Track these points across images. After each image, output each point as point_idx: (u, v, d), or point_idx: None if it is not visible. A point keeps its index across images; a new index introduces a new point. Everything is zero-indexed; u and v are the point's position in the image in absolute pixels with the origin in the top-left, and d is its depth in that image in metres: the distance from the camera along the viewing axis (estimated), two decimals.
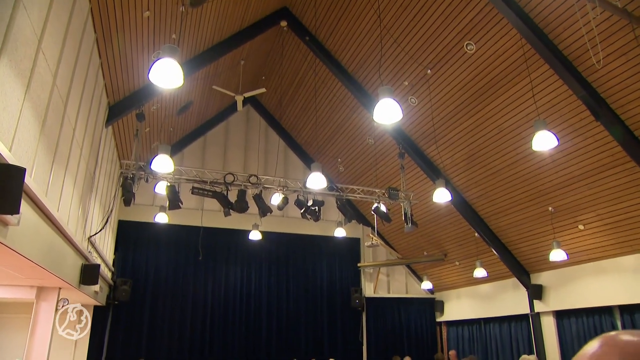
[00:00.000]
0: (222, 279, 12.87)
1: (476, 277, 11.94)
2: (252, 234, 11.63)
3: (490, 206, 10.75)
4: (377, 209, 10.53)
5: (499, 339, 12.79)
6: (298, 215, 13.02)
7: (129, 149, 10.23)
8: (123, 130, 9.54)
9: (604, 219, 8.97)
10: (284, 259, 13.62)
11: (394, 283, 15.11)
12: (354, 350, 13.65)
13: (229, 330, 12.54)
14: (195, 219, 12.15)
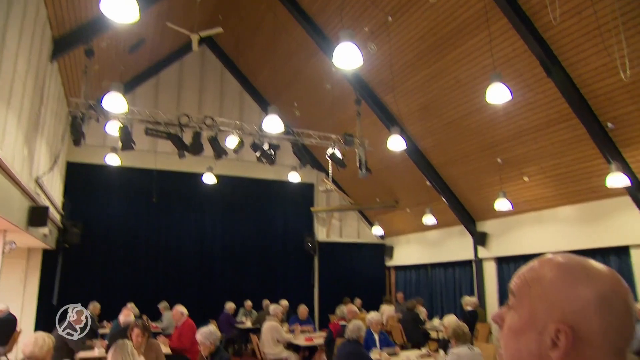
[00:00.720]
0: (176, 223, 12.80)
1: (425, 224, 12.41)
2: (207, 177, 11.52)
3: (442, 156, 11.04)
4: (332, 154, 10.61)
5: (444, 283, 13.52)
6: (253, 159, 12.94)
7: (77, 86, 9.73)
8: (70, 67, 9.03)
9: (546, 172, 9.41)
10: (238, 203, 13.64)
11: (346, 228, 15.50)
12: (306, 293, 14.08)
13: (184, 273, 12.62)
14: (148, 161, 11.88)
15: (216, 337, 4.79)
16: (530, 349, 0.80)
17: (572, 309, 0.78)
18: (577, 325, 0.76)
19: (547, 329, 0.78)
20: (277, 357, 8.26)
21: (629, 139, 7.89)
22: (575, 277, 0.80)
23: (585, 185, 9.09)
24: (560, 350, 0.76)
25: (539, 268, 0.84)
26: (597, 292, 0.77)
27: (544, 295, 0.81)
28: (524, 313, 0.82)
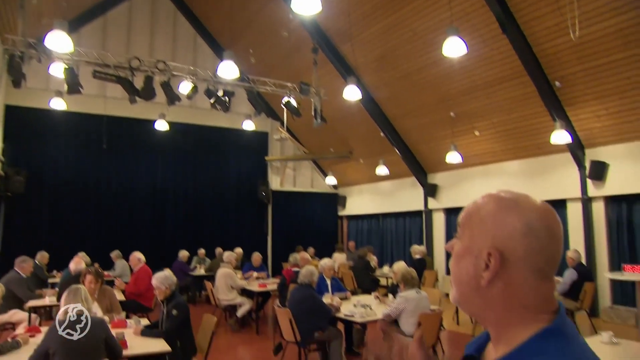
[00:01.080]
0: (128, 170, 12.48)
1: (378, 175, 12.66)
2: (159, 123, 11.20)
3: (397, 108, 11.15)
4: (287, 102, 10.52)
5: (394, 232, 13.99)
6: (207, 106, 12.67)
7: (13, 23, 9.05)
8: (4, 0, 8.36)
9: (496, 127, 9.72)
10: (191, 151, 13.40)
11: (300, 177, 15.60)
12: (260, 241, 14.24)
13: (136, 221, 12.46)
14: (97, 106, 11.37)
15: (172, 282, 4.82)
16: (468, 271, 0.90)
17: (501, 236, 0.87)
18: (505, 250, 0.86)
19: (481, 253, 0.88)
20: (231, 303, 8.42)
21: (573, 98, 8.22)
22: (507, 208, 0.89)
23: (532, 141, 9.48)
24: (490, 271, 0.87)
25: (480, 202, 0.94)
26: (523, 221, 0.87)
27: (481, 224, 0.91)
28: (465, 240, 0.93)
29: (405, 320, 5.35)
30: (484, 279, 0.88)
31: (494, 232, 0.89)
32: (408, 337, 5.30)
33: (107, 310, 5.40)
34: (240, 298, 8.51)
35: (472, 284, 0.90)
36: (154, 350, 4.17)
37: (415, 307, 5.33)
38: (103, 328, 3.80)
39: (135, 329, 4.67)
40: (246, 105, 13.77)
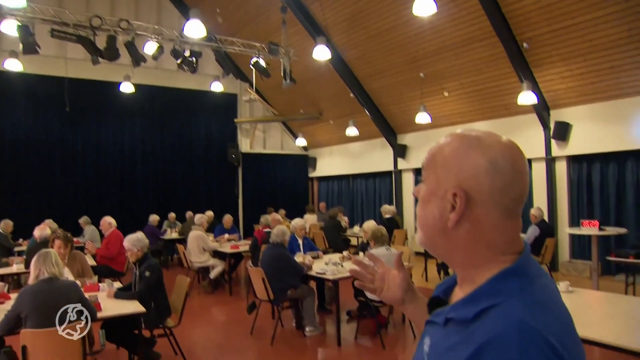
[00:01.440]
0: (93, 134, 12.13)
1: (348, 136, 12.69)
2: (124, 86, 10.85)
3: (367, 68, 11.09)
4: (256, 63, 10.34)
5: (365, 193, 14.17)
6: (173, 67, 12.34)
7: None
8: None
9: (465, 88, 9.81)
10: (159, 114, 13.10)
11: (270, 139, 15.52)
12: (231, 204, 14.23)
13: (103, 186, 12.22)
14: (57, 68, 10.91)
15: (144, 244, 4.80)
16: (434, 214, 0.89)
17: (466, 175, 0.86)
18: (470, 189, 0.85)
19: (446, 194, 0.87)
20: (203, 265, 8.47)
21: (540, 59, 8.34)
22: (470, 146, 0.87)
23: (499, 102, 9.62)
24: (456, 212, 0.85)
25: (443, 142, 0.92)
26: (487, 158, 0.85)
27: (445, 164, 0.89)
28: (430, 183, 0.91)
29: None
30: (450, 221, 0.87)
31: (458, 172, 0.87)
32: None
33: (79, 275, 5.37)
34: (212, 260, 8.55)
35: (438, 227, 0.89)
36: (128, 312, 4.19)
37: (385, 264, 5.46)
38: (75, 291, 3.79)
39: (109, 292, 4.67)
40: (214, 66, 13.48)
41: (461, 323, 0.81)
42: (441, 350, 0.84)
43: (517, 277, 0.82)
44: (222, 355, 5.26)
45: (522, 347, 0.69)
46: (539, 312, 0.76)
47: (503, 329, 0.72)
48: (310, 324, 5.91)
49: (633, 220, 8.36)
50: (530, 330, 0.71)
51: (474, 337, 0.75)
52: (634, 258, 6.20)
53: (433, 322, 0.93)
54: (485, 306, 0.79)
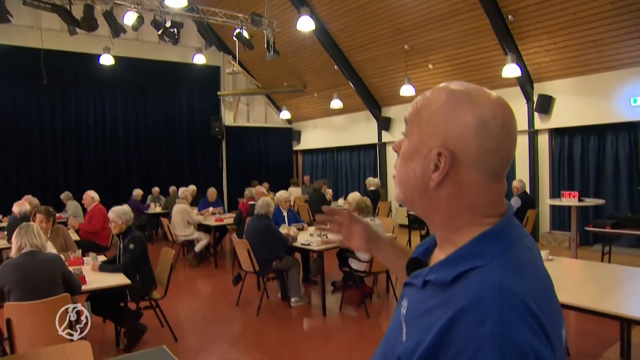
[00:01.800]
0: (73, 108, 11.79)
1: (332, 109, 12.64)
2: (104, 58, 10.58)
3: (351, 40, 10.98)
4: (239, 34, 10.16)
5: (349, 166, 14.20)
6: (154, 39, 12.07)
7: None
8: None
9: (450, 60, 9.79)
10: (140, 87, 12.83)
11: (254, 112, 15.39)
12: (215, 177, 14.16)
13: (85, 160, 11.99)
14: (33, 39, 10.57)
15: (129, 217, 4.78)
16: (415, 173, 0.84)
17: (453, 134, 0.80)
18: (456, 149, 0.80)
19: (430, 153, 0.82)
20: (188, 238, 8.47)
21: (525, 32, 8.34)
22: (459, 102, 0.81)
23: (484, 74, 9.63)
24: (440, 172, 0.81)
25: (430, 95, 0.85)
26: (477, 117, 0.79)
27: (430, 121, 0.83)
28: (413, 139, 0.85)
29: None
30: (432, 181, 0.82)
31: (444, 130, 0.81)
32: (363, 262, 5.54)
33: (62, 250, 5.33)
34: (197, 233, 8.55)
35: (419, 186, 0.85)
36: (113, 284, 4.19)
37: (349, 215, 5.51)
38: (59, 264, 3.77)
39: (93, 265, 4.66)
40: (196, 38, 13.23)
41: (439, 286, 0.79)
42: (418, 313, 0.80)
43: (498, 240, 0.79)
44: (209, 326, 5.31)
45: (501, 312, 0.67)
46: (518, 276, 0.74)
47: (481, 293, 0.70)
48: (295, 294, 5.98)
49: (611, 192, 8.55)
50: (509, 294, 0.69)
51: (451, 301, 0.73)
52: (611, 228, 6.35)
53: (411, 284, 0.89)
54: (464, 269, 0.76)
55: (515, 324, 0.67)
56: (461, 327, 0.69)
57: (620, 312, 2.86)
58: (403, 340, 0.80)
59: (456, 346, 0.68)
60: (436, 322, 0.72)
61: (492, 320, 0.67)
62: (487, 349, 0.65)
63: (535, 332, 0.67)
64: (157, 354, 2.34)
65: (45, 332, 3.43)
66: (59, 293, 3.58)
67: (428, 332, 0.73)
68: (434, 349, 0.71)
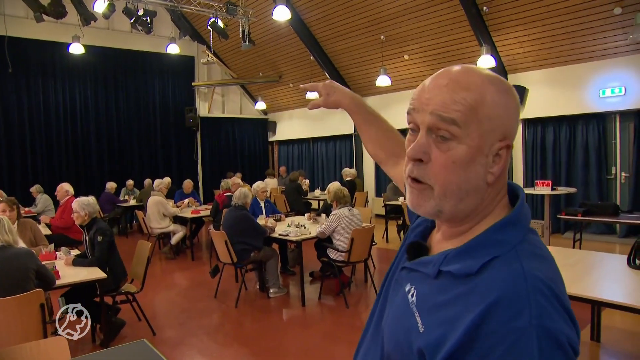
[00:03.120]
0: (40, 98, 11.33)
1: (308, 99, 12.58)
2: (73, 47, 10.28)
3: (327, 30, 10.93)
4: (213, 24, 10.02)
5: (325, 156, 14.19)
6: (126, 28, 11.82)
7: None
8: None
9: (426, 51, 9.84)
10: (111, 77, 12.49)
11: (229, 103, 15.23)
12: (189, 168, 13.98)
13: (55, 154, 11.58)
14: None
15: (92, 210, 4.63)
16: (477, 174, 0.78)
17: (510, 124, 0.79)
18: (511, 137, 0.80)
19: (492, 148, 0.78)
20: (164, 231, 8.36)
21: (499, 23, 8.43)
22: (505, 90, 0.79)
23: None
24: (501, 165, 0.79)
25: (479, 87, 0.78)
26: (516, 102, 0.81)
27: (492, 115, 0.77)
28: (474, 140, 0.77)
29: (338, 237, 5.59)
30: (492, 175, 0.79)
31: (504, 122, 0.78)
32: (341, 252, 5.56)
33: (32, 244, 5.19)
34: (173, 226, 8.44)
35: (477, 187, 0.79)
36: (89, 278, 4.11)
37: (348, 224, 5.56)
38: (32, 258, 3.67)
39: (67, 260, 4.55)
40: (169, 27, 12.97)
41: (460, 277, 0.76)
42: (435, 304, 0.78)
43: (517, 227, 0.80)
44: (187, 318, 5.26)
45: (537, 303, 0.68)
46: (540, 262, 0.75)
47: (513, 284, 0.70)
48: (274, 285, 5.97)
49: (581, 180, 8.77)
50: (540, 284, 0.70)
51: (478, 293, 0.72)
52: (582, 216, 6.51)
53: (416, 270, 0.87)
54: (489, 258, 0.75)
55: (550, 314, 0.68)
56: (496, 319, 0.68)
57: (591, 295, 2.96)
58: (421, 332, 0.78)
59: (492, 339, 0.67)
60: (463, 315, 0.71)
61: (529, 312, 0.67)
62: (525, 340, 0.65)
63: (565, 320, 0.69)
64: (138, 347, 2.30)
65: (18, 329, 3.34)
66: (31, 288, 3.49)
67: (453, 325, 0.72)
68: (466, 342, 0.69)
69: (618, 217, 6.39)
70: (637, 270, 3.40)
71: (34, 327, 3.42)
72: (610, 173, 8.64)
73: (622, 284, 3.22)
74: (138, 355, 2.21)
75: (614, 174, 8.61)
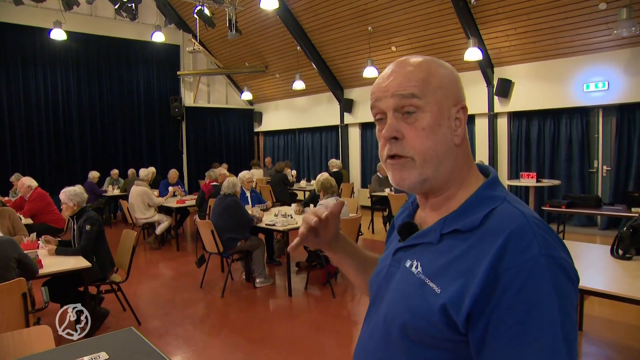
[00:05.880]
0: (19, 85, 11.04)
1: (294, 90, 12.53)
2: (55, 32, 10.04)
3: (315, 20, 10.86)
4: (200, 12, 9.88)
5: (311, 147, 14.16)
6: (110, 14, 11.65)
7: None
8: None
9: (413, 43, 9.84)
10: (95, 65, 12.25)
11: (214, 93, 15.09)
12: (174, 159, 13.84)
13: (36, 143, 11.32)
14: None
15: (81, 199, 4.58)
16: (446, 137, 0.90)
17: (457, 91, 0.93)
18: (463, 101, 0.93)
19: (451, 112, 0.91)
20: (149, 221, 8.28)
21: (486, 16, 8.45)
22: (444, 65, 0.94)
23: (446, 58, 9.72)
24: (462, 125, 0.93)
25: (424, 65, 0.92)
26: (455, 73, 0.95)
27: (442, 84, 0.91)
28: (434, 108, 0.89)
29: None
30: (458, 137, 0.92)
31: (452, 88, 0.92)
32: None
33: (10, 233, 5.10)
34: (158, 215, 8.37)
35: (449, 149, 0.91)
36: (72, 267, 4.05)
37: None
38: (13, 247, 3.60)
39: (49, 249, 4.47)
40: (155, 15, 12.79)
41: (465, 232, 0.86)
42: (444, 264, 0.86)
43: (499, 185, 0.93)
44: (172, 309, 5.22)
45: (542, 236, 0.79)
46: (529, 209, 0.87)
47: (517, 224, 0.80)
48: (260, 275, 5.96)
49: (564, 173, 8.88)
50: (538, 221, 0.82)
51: (489, 237, 0.81)
52: (566, 207, 6.60)
53: (414, 245, 0.95)
54: (487, 211, 0.85)
55: (551, 244, 0.79)
56: (510, 254, 0.77)
57: None
58: (438, 292, 0.84)
59: (512, 271, 0.76)
60: (479, 261, 0.80)
61: (537, 243, 0.78)
62: (539, 267, 0.76)
63: (563, 249, 0.81)
64: (125, 335, 2.27)
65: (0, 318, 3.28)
66: (12, 278, 3.43)
67: (472, 273, 0.80)
68: (490, 281, 0.77)
69: (600, 209, 6.50)
70: (620, 260, 3.46)
71: (15, 316, 3.36)
72: (592, 166, 8.76)
73: (606, 274, 3.28)
74: (125, 343, 2.18)
75: (596, 167, 8.73)
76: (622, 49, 7.82)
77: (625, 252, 3.49)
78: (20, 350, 2.32)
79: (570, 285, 0.79)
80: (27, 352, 2.28)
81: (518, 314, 0.75)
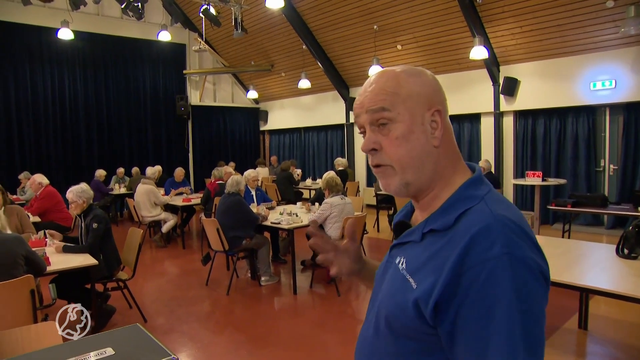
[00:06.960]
0: (27, 84, 11.11)
1: (300, 89, 12.54)
2: (62, 32, 10.10)
3: (320, 19, 10.87)
4: (205, 11, 9.90)
5: (316, 146, 14.17)
6: (116, 14, 11.71)
7: None
8: None
9: (419, 42, 9.82)
10: (101, 64, 12.32)
11: (220, 92, 15.13)
12: (180, 157, 13.90)
13: (43, 141, 11.40)
14: None
15: (89, 196, 4.63)
16: (420, 141, 0.94)
17: (429, 95, 0.95)
18: (438, 103, 0.96)
19: (425, 117, 0.94)
20: (155, 219, 8.32)
21: (492, 15, 8.43)
22: (415, 72, 0.97)
23: (452, 56, 9.71)
24: (439, 127, 0.95)
25: (392, 77, 0.96)
26: (428, 77, 0.97)
27: (411, 94, 0.94)
28: (405, 116, 0.94)
29: (330, 225, 5.60)
30: (436, 139, 0.94)
31: (424, 94, 0.95)
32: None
33: (17, 231, 5.14)
34: (164, 214, 8.41)
35: (426, 152, 0.94)
36: (79, 265, 4.08)
37: (340, 212, 5.57)
38: (21, 244, 3.64)
39: (57, 246, 4.52)
40: (161, 14, 12.84)
41: (441, 231, 0.89)
42: (422, 261, 0.89)
43: (481, 184, 0.94)
44: (178, 306, 5.26)
45: (505, 235, 0.80)
46: (506, 207, 0.88)
47: (485, 223, 0.83)
48: (265, 273, 5.98)
49: (570, 172, 8.84)
50: (506, 221, 0.83)
51: (458, 236, 0.84)
52: (572, 206, 6.58)
53: (403, 243, 0.99)
54: (462, 210, 0.88)
55: (517, 243, 0.80)
56: (474, 253, 0.80)
57: (580, 283, 3.01)
58: (414, 288, 0.88)
59: (473, 270, 0.79)
60: (448, 258, 0.83)
61: (500, 242, 0.80)
62: (501, 266, 0.78)
63: (531, 249, 0.82)
64: (131, 331, 2.30)
65: (7, 315, 3.32)
66: (20, 274, 3.47)
67: (441, 269, 0.83)
68: (453, 278, 0.81)
69: (606, 208, 6.47)
70: (625, 260, 3.45)
71: (23, 312, 3.40)
72: (599, 165, 8.72)
73: (611, 273, 3.27)
74: (131, 339, 2.21)
75: (602, 166, 8.69)
76: (629, 47, 7.77)
77: (630, 251, 3.48)
78: (28, 345, 2.35)
79: (537, 285, 0.80)
80: (35, 347, 2.31)
81: (480, 310, 0.78)
